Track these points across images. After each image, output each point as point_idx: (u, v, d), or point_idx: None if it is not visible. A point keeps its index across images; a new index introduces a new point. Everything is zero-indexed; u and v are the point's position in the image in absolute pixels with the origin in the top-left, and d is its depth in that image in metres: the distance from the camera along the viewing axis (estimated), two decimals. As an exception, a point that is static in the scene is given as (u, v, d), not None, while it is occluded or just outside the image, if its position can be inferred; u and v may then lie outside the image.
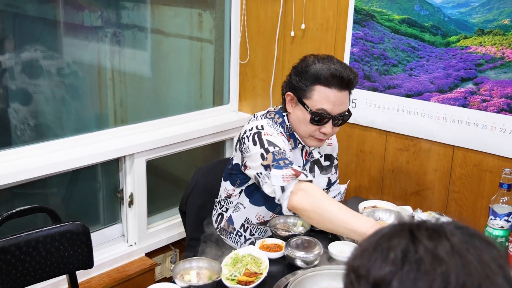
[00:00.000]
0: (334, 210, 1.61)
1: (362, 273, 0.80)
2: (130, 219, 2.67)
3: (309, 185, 1.66)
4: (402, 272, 0.76)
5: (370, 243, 0.83)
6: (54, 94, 2.44)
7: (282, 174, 1.68)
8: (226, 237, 2.08)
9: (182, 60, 2.93)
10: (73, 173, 2.49)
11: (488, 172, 2.21)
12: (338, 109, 1.83)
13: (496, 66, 2.10)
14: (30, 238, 1.87)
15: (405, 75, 2.35)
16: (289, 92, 1.89)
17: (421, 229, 0.80)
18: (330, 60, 1.84)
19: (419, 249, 0.77)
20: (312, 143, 1.93)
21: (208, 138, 2.87)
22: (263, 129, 1.86)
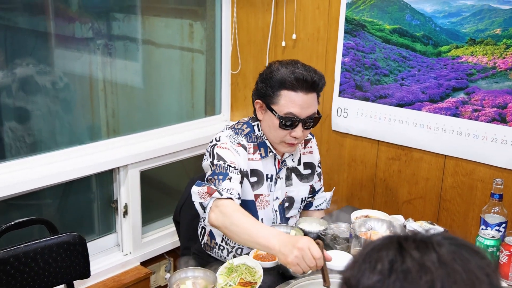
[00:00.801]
0: (240, 225, 1.65)
1: (352, 283, 0.83)
2: (125, 229, 2.67)
3: (225, 202, 1.71)
4: (389, 281, 0.78)
5: (361, 255, 0.86)
6: (46, 106, 2.44)
7: (198, 191, 1.76)
8: (210, 252, 2.09)
9: (174, 71, 2.95)
10: (68, 184, 2.50)
11: (480, 181, 2.24)
12: (306, 112, 1.84)
13: (487, 76, 2.14)
14: (28, 249, 1.89)
15: (397, 84, 2.38)
16: (257, 99, 1.91)
17: (409, 240, 0.83)
18: (294, 64, 1.86)
19: (406, 260, 0.79)
20: (284, 149, 1.94)
21: (201, 149, 2.88)
22: (219, 140, 1.90)
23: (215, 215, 1.71)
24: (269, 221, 2.00)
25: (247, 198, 1.93)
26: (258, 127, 1.95)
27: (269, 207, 1.98)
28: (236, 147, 1.89)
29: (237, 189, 1.77)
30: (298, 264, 1.51)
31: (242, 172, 1.87)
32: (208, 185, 1.76)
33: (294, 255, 1.51)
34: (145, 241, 2.77)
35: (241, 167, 1.87)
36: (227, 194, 1.72)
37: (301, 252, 1.50)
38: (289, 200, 2.05)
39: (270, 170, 1.97)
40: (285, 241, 1.55)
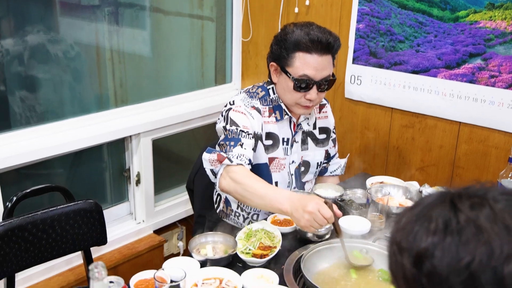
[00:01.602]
0: (252, 190, 1.68)
1: (404, 246, 0.80)
2: (138, 198, 2.69)
3: (235, 169, 1.73)
4: (444, 244, 0.75)
5: (411, 214, 0.82)
6: (53, 75, 2.41)
7: (208, 158, 1.79)
8: (227, 219, 2.10)
9: (183, 39, 2.91)
10: (79, 153, 2.50)
11: (494, 148, 2.24)
12: (320, 74, 1.83)
13: (506, 41, 2.11)
14: (45, 216, 1.90)
15: (412, 51, 2.36)
16: (272, 62, 1.90)
17: (462, 197, 0.79)
18: (309, 26, 1.84)
19: (461, 219, 0.76)
20: (299, 111, 1.94)
21: (212, 117, 2.87)
22: (233, 104, 1.90)
23: (226, 182, 1.73)
24: (284, 185, 2.01)
25: (260, 161, 1.94)
26: (273, 90, 1.95)
27: (284, 170, 1.99)
28: (250, 110, 1.89)
29: (248, 155, 1.78)
30: (311, 226, 1.57)
31: (256, 135, 1.87)
32: (219, 152, 1.77)
33: (306, 219, 1.55)
34: (158, 209, 2.79)
35: (255, 130, 1.87)
36: (237, 160, 1.73)
37: (311, 215, 1.54)
38: (305, 164, 2.05)
39: (285, 133, 1.97)
40: (296, 205, 1.58)
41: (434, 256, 0.76)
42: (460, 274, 0.74)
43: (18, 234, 1.85)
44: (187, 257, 1.58)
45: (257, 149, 1.92)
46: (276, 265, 1.59)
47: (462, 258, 0.74)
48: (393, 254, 0.83)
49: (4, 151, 2.15)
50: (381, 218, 1.79)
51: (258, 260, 1.56)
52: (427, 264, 0.77)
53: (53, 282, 2.37)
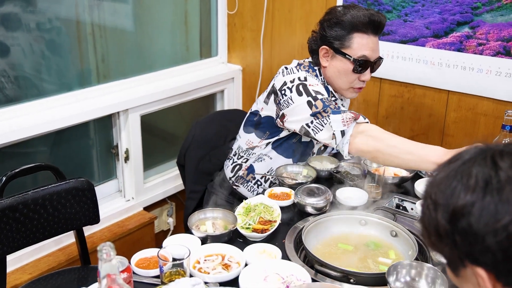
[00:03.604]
0: (398, 145, 1.60)
1: (440, 201, 0.79)
2: (127, 175, 2.66)
3: (367, 126, 1.68)
4: (483, 202, 0.74)
5: (450, 169, 0.80)
6: (32, 51, 2.33)
7: (341, 118, 1.69)
8: (243, 185, 2.09)
9: (166, 12, 2.84)
10: (65, 131, 2.44)
11: (483, 115, 2.26)
12: (375, 54, 1.87)
13: (492, 9, 2.12)
14: (37, 195, 1.86)
15: (400, 21, 2.35)
16: (323, 46, 1.88)
17: (504, 155, 0.77)
18: (359, 7, 1.86)
19: (501, 177, 0.75)
20: (350, 95, 1.95)
21: (200, 91, 2.84)
22: (307, 80, 1.86)
23: (361, 141, 1.65)
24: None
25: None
26: (320, 72, 1.94)
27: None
28: (322, 86, 1.88)
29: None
30: None
31: None
32: (347, 112, 1.69)
33: None
34: (147, 186, 2.77)
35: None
36: (367, 120, 1.70)
37: None
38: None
39: None
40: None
41: (471, 214, 0.75)
42: (497, 234, 0.73)
43: (9, 215, 1.81)
44: (187, 234, 1.57)
45: None
46: (276, 239, 1.60)
47: (501, 218, 0.73)
48: (427, 208, 0.81)
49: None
50: (378, 189, 1.81)
51: (259, 235, 1.56)
52: (462, 222, 0.76)
53: (43, 263, 2.34)
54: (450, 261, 0.84)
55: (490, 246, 0.74)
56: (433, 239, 0.83)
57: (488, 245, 0.74)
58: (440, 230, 0.80)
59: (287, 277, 1.37)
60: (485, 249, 0.75)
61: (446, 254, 0.84)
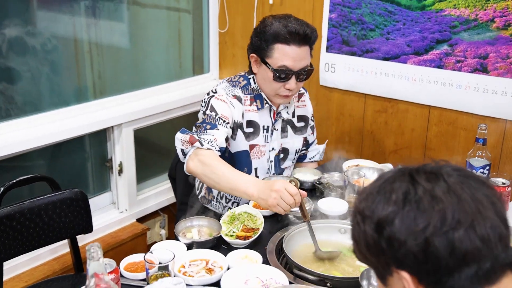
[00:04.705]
0: (220, 173, 1.74)
1: (367, 214, 0.90)
2: (120, 187, 2.74)
3: (205, 152, 1.79)
4: (403, 212, 0.85)
5: (374, 187, 0.92)
6: (31, 68, 2.43)
7: (181, 138, 1.84)
8: (208, 205, 2.17)
9: (160, 31, 2.95)
10: (61, 145, 2.53)
11: (463, 129, 2.36)
12: (299, 65, 1.90)
13: (469, 28, 2.22)
14: (33, 205, 1.95)
15: (383, 39, 2.45)
16: (252, 53, 1.97)
17: (420, 172, 0.89)
18: (287, 18, 1.91)
19: (418, 191, 0.86)
20: (279, 101, 2.01)
21: (192, 107, 2.93)
22: (216, 92, 1.96)
23: (193, 163, 1.79)
24: (263, 171, 2.09)
25: (240, 149, 2.01)
26: (254, 80, 2.01)
27: (264, 157, 2.06)
28: (231, 99, 1.95)
29: (220, 142, 1.83)
30: (278, 205, 1.61)
31: (235, 124, 1.95)
32: (191, 134, 1.82)
33: (273, 197, 1.61)
34: (140, 198, 2.85)
35: (235, 119, 1.94)
36: (207, 145, 1.79)
37: (278, 193, 1.60)
38: (284, 151, 2.13)
39: (266, 121, 2.04)
40: (262, 187, 1.65)
41: (393, 223, 0.86)
42: (416, 238, 0.84)
43: (6, 223, 1.89)
44: (173, 240, 1.66)
45: (237, 137, 1.99)
46: (259, 247, 1.67)
47: (419, 224, 0.84)
48: (356, 223, 0.93)
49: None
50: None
51: (242, 242, 1.64)
52: (387, 230, 0.86)
53: (39, 271, 2.41)
54: (378, 271, 0.94)
55: (411, 248, 0.84)
56: (363, 250, 0.92)
57: (409, 248, 0.84)
58: (368, 240, 0.90)
59: (266, 280, 1.45)
60: (407, 252, 0.85)
61: (374, 264, 0.94)
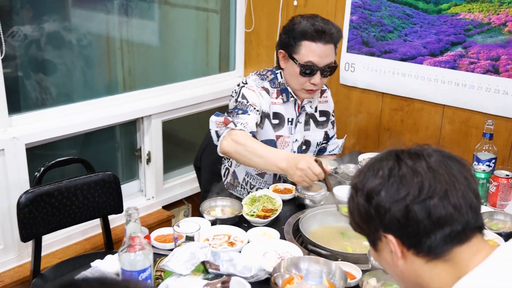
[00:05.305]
0: (254, 150, 1.89)
1: (359, 187, 1.06)
2: (148, 176, 2.91)
3: (238, 132, 1.94)
4: (388, 184, 1.01)
5: (365, 166, 1.09)
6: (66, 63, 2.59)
7: (215, 120, 1.98)
8: (233, 190, 2.32)
9: (189, 30, 3.11)
10: (93, 134, 2.70)
11: (474, 128, 2.46)
12: (324, 61, 2.05)
13: (483, 31, 2.34)
14: (70, 185, 2.13)
15: (400, 40, 2.58)
16: (280, 50, 2.12)
17: (404, 153, 1.06)
18: (314, 18, 2.07)
19: (402, 167, 1.02)
20: (304, 95, 2.16)
21: (217, 102, 3.09)
22: (247, 83, 2.12)
23: (227, 143, 1.94)
24: None
25: (268, 138, 2.16)
26: (281, 75, 2.16)
27: (288, 148, 2.21)
28: (260, 90, 2.11)
29: (251, 126, 1.98)
30: (303, 181, 1.81)
31: (263, 113, 2.09)
32: (226, 116, 1.97)
33: (298, 175, 1.79)
34: (166, 187, 3.01)
35: (263, 108, 2.09)
36: (240, 126, 1.95)
37: (303, 171, 1.78)
38: (306, 143, 2.27)
39: (290, 114, 2.19)
40: (290, 163, 1.81)
41: (380, 193, 1.02)
42: (398, 205, 1.00)
43: (46, 200, 2.08)
44: (198, 217, 1.81)
45: (265, 126, 2.13)
46: (276, 226, 1.81)
47: (400, 193, 1.00)
48: (351, 197, 1.09)
49: (34, 127, 2.38)
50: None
51: (262, 220, 1.79)
52: (375, 199, 1.02)
53: (71, 249, 2.59)
54: (370, 238, 1.09)
55: (395, 214, 1.00)
56: (357, 219, 1.08)
57: (393, 214, 1.00)
58: (360, 209, 1.05)
59: (282, 254, 1.59)
60: (392, 217, 1.01)
61: (366, 231, 1.09)
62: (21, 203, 2.01)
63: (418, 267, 1.03)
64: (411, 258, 1.03)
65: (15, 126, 2.36)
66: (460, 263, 1.01)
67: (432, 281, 1.03)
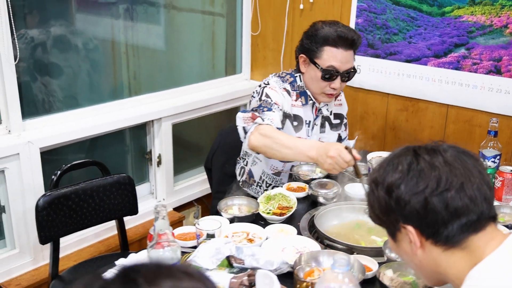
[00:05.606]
0: (283, 142, 1.92)
1: (379, 181, 1.12)
2: (159, 178, 2.96)
3: (265, 127, 1.98)
4: (407, 178, 1.07)
5: (384, 161, 1.15)
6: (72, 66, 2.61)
7: (243, 116, 2.03)
8: (248, 188, 2.38)
9: (195, 34, 3.16)
10: (104, 138, 2.74)
11: (478, 126, 2.54)
12: (344, 66, 2.12)
13: (485, 33, 2.41)
14: (86, 187, 2.18)
15: (405, 42, 2.65)
16: (301, 54, 2.19)
17: (421, 149, 1.12)
18: (336, 24, 2.14)
19: (420, 162, 1.08)
20: (323, 99, 2.23)
21: (226, 104, 3.15)
22: (269, 84, 2.17)
23: (255, 138, 1.97)
24: None
25: None
26: (300, 78, 2.23)
27: None
28: (282, 91, 2.17)
29: (277, 122, 2.03)
30: (333, 169, 1.84)
31: (285, 114, 2.15)
32: (253, 112, 2.02)
33: (328, 162, 1.82)
34: (176, 189, 3.07)
35: (285, 109, 2.15)
36: (267, 121, 2.00)
37: (333, 159, 1.81)
38: None
39: (308, 116, 2.25)
40: (320, 151, 1.84)
41: (400, 186, 1.08)
42: (418, 197, 1.06)
43: (63, 202, 2.12)
44: (217, 216, 1.86)
45: (286, 126, 2.19)
46: (292, 223, 1.86)
47: (419, 186, 1.06)
48: (371, 190, 1.15)
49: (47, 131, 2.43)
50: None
51: (278, 218, 1.85)
52: (395, 192, 1.09)
53: (85, 252, 2.64)
54: (390, 229, 1.15)
55: (414, 206, 1.06)
56: (377, 212, 1.14)
57: (413, 206, 1.07)
58: (381, 202, 1.11)
59: (301, 249, 1.65)
60: (412, 209, 1.07)
61: (386, 223, 1.15)
62: (39, 206, 2.05)
63: (436, 256, 1.10)
64: (429, 248, 1.10)
65: (29, 130, 2.41)
66: (476, 251, 1.07)
67: (450, 268, 1.09)
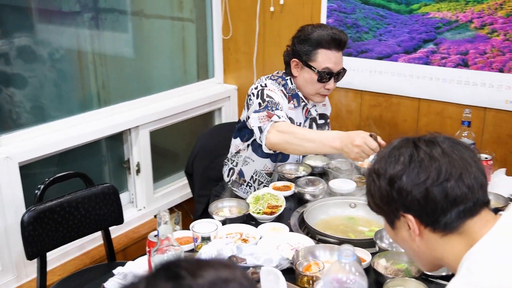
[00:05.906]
0: (301, 135, 1.95)
1: (381, 172, 1.17)
2: (138, 186, 2.95)
3: (281, 123, 2.02)
4: (409, 169, 1.12)
5: (385, 152, 1.19)
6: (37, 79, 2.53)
7: (258, 116, 2.05)
8: (237, 188, 2.40)
9: (165, 40, 3.15)
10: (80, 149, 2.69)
11: (449, 118, 2.64)
12: (338, 67, 2.21)
13: (452, 28, 2.51)
14: (71, 199, 2.16)
15: (375, 40, 2.73)
16: (294, 59, 2.23)
17: (420, 140, 1.17)
18: (325, 26, 2.21)
19: (420, 153, 1.13)
20: (318, 99, 2.29)
21: (201, 109, 3.17)
22: (267, 86, 2.20)
23: (273, 135, 1.99)
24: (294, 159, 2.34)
25: None
26: (291, 81, 2.27)
27: None
28: (280, 93, 2.22)
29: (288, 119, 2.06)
30: (360, 157, 1.86)
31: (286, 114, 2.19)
32: (267, 110, 2.04)
33: (355, 151, 1.84)
34: (156, 196, 3.06)
35: (284, 109, 2.18)
36: (283, 118, 2.03)
37: (359, 148, 1.83)
38: None
39: (299, 118, 2.31)
40: (345, 141, 1.86)
41: (402, 178, 1.13)
42: (419, 188, 1.11)
43: (49, 216, 2.10)
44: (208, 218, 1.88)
45: None
46: (282, 221, 1.90)
47: (421, 177, 1.11)
48: (372, 180, 1.20)
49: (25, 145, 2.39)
50: (363, 179, 2.14)
51: (269, 217, 1.88)
52: (397, 183, 1.14)
53: (70, 265, 2.60)
54: (389, 217, 1.20)
55: (415, 196, 1.12)
56: (377, 201, 1.19)
57: (414, 196, 1.12)
58: (382, 192, 1.16)
59: (295, 245, 1.69)
60: (413, 198, 1.12)
61: (386, 212, 1.20)
62: (25, 222, 2.01)
63: (433, 242, 1.15)
64: (428, 235, 1.15)
65: (5, 146, 2.36)
66: (472, 234, 1.13)
67: (447, 252, 1.15)
